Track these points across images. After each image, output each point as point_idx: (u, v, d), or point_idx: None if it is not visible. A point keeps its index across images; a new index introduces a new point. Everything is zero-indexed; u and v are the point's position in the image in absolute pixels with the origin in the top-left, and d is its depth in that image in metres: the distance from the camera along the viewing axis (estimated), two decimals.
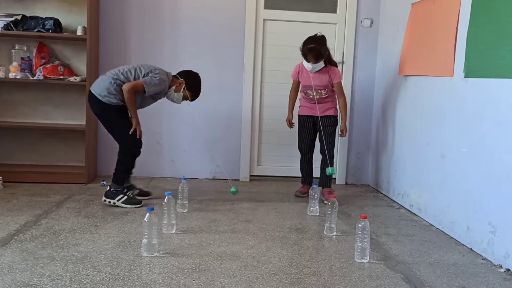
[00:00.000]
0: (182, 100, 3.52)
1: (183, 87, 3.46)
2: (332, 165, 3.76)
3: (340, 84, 3.77)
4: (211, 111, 4.43)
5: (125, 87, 3.26)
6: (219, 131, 4.47)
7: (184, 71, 3.57)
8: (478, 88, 2.84)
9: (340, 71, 4.19)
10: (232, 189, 3.47)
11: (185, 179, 3.39)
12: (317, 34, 3.69)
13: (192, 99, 3.56)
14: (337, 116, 3.83)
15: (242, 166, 4.52)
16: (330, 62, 3.74)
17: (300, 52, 3.67)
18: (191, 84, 3.50)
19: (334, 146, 3.83)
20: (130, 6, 4.31)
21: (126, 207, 3.36)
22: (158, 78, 3.34)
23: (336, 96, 3.79)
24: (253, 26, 4.40)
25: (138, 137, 3.39)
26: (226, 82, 4.41)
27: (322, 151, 3.78)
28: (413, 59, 3.69)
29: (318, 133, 3.85)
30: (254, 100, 4.49)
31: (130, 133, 3.35)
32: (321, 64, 3.65)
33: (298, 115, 3.93)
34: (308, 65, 3.65)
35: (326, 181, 3.83)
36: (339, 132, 3.83)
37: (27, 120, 4.28)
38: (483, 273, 2.47)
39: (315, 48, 3.57)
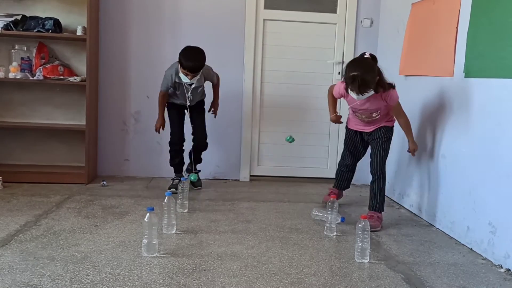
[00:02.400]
0: (190, 78, 3.53)
1: (180, 67, 3.54)
2: (383, 188, 3.16)
3: (397, 107, 3.12)
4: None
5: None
6: (219, 131, 4.47)
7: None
8: (478, 88, 2.84)
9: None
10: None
11: (185, 179, 3.39)
12: (364, 54, 3.04)
13: (187, 72, 3.49)
14: (392, 127, 3.26)
15: (242, 166, 4.52)
16: (383, 87, 2.94)
17: (343, 79, 2.99)
18: (180, 59, 3.52)
19: (384, 162, 3.19)
20: (130, 6, 4.31)
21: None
22: (165, 75, 3.71)
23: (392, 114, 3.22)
24: (253, 26, 4.40)
25: (156, 130, 3.87)
26: (226, 82, 4.41)
27: (372, 170, 3.22)
28: (413, 59, 3.69)
29: (370, 146, 3.35)
30: (254, 100, 4.48)
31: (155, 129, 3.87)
32: (370, 93, 2.90)
33: (346, 127, 3.45)
34: (353, 94, 2.93)
35: (375, 203, 3.17)
36: (407, 150, 3.34)
37: (27, 120, 4.27)
38: (483, 273, 2.47)
39: (358, 77, 2.79)
